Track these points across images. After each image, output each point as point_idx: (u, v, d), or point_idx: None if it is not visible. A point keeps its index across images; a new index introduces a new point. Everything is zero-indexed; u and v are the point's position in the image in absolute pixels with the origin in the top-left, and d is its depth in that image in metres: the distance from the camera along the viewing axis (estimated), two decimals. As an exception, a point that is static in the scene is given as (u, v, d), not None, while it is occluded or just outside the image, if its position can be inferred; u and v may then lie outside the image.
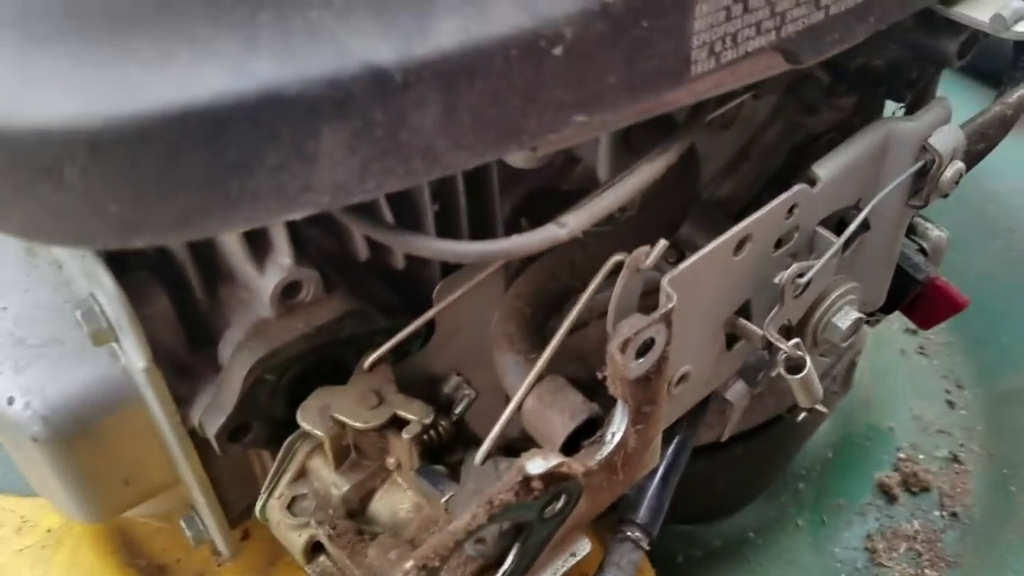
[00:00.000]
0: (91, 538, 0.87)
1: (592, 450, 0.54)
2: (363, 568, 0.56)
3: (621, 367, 0.51)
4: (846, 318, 0.68)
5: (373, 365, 0.61)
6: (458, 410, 0.64)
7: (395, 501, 0.60)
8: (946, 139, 0.67)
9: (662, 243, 0.53)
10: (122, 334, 0.56)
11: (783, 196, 0.60)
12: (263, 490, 0.61)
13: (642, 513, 0.72)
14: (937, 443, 1.23)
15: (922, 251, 0.87)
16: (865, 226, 0.70)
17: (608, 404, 0.56)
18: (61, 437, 0.58)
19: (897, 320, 1.38)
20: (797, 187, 0.61)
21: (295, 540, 0.60)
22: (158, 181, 0.37)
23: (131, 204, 0.37)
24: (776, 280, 0.61)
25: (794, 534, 1.15)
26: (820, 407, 0.77)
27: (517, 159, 0.53)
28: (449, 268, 0.66)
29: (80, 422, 0.58)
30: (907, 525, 1.13)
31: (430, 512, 0.59)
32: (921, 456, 1.21)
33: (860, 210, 0.66)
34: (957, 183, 0.69)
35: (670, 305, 0.52)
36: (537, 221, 0.53)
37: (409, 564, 0.47)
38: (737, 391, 0.77)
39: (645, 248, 0.52)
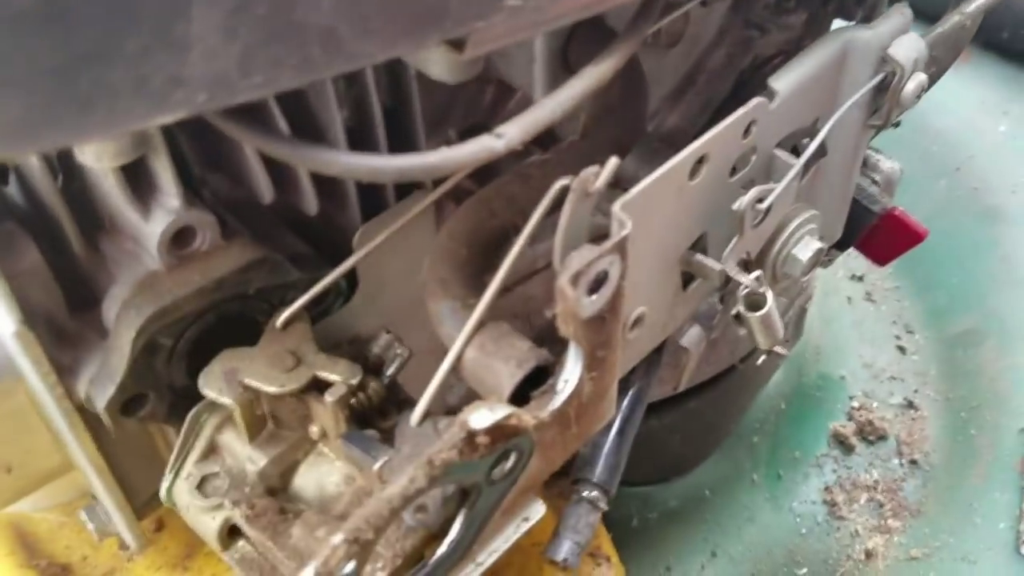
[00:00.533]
0: (-18, 540, 0.78)
1: (543, 400, 0.48)
2: (287, 550, 0.50)
3: (573, 304, 0.45)
4: (807, 248, 0.64)
5: (287, 323, 0.53)
6: (390, 371, 0.58)
7: (322, 474, 0.54)
8: (907, 49, 0.63)
9: (613, 161, 0.46)
10: (-14, 295, 0.48)
11: (740, 111, 0.55)
12: (168, 470, 0.54)
13: (599, 471, 0.66)
14: (891, 390, 1.20)
15: (874, 184, 0.83)
16: (822, 151, 0.65)
17: (559, 353, 0.50)
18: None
19: (842, 267, 1.35)
20: (755, 101, 0.56)
21: (208, 524, 0.53)
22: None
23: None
24: (735, 207, 0.56)
25: (751, 490, 1.11)
26: (780, 348, 0.72)
27: (441, 67, 0.46)
28: (371, 214, 0.59)
29: (-59, 402, 0.50)
30: (866, 475, 1.10)
31: (363, 484, 0.53)
32: (875, 404, 1.18)
33: (818, 132, 0.61)
34: (919, 97, 0.65)
35: (624, 232, 0.46)
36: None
37: (338, 539, 0.40)
38: (693, 337, 0.72)
39: (594, 168, 0.46)
